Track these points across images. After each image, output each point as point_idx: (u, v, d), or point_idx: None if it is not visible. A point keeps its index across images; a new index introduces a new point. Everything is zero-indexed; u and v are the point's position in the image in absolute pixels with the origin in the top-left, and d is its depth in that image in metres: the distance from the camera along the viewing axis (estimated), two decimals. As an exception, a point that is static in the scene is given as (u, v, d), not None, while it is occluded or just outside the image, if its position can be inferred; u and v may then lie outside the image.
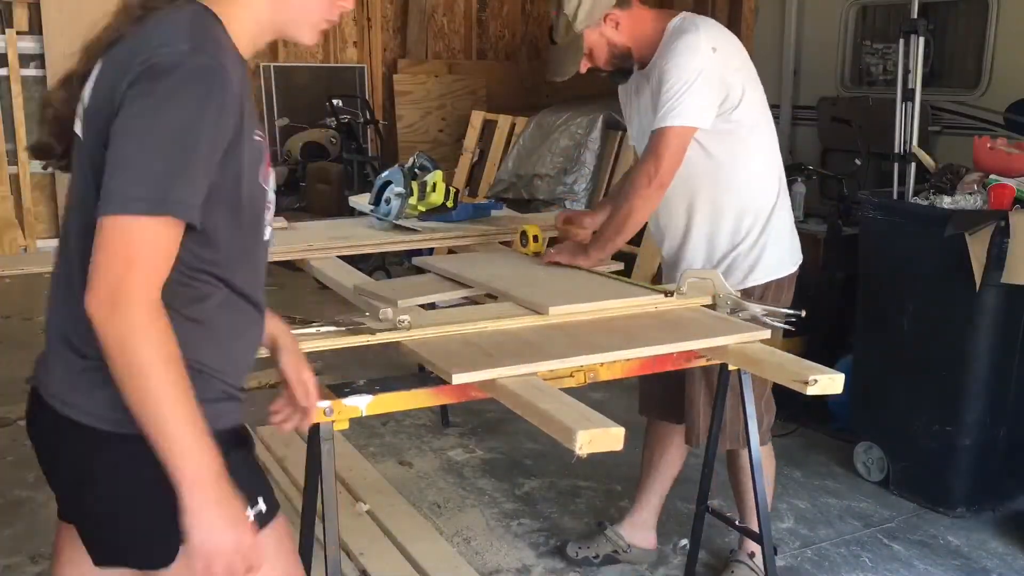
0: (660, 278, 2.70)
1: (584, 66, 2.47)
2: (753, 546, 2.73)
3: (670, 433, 2.74)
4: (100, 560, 1.36)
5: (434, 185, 3.05)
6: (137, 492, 1.28)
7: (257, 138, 1.34)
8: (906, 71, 3.38)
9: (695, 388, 2.55)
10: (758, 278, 2.48)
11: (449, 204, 3.09)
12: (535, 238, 2.61)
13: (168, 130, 1.18)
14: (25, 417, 1.52)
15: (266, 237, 1.45)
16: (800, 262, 2.60)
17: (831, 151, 5.41)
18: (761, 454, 2.31)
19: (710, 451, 2.44)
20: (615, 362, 1.94)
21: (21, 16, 7.08)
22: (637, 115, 2.54)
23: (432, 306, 2.28)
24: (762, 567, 2.65)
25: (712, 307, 2.20)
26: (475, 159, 6.53)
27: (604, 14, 2.39)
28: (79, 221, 1.29)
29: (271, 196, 1.43)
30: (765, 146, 2.47)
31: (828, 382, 1.85)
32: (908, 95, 3.38)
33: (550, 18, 2.52)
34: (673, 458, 2.81)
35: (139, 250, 1.17)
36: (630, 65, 2.49)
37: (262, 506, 1.38)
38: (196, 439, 1.20)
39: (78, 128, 1.34)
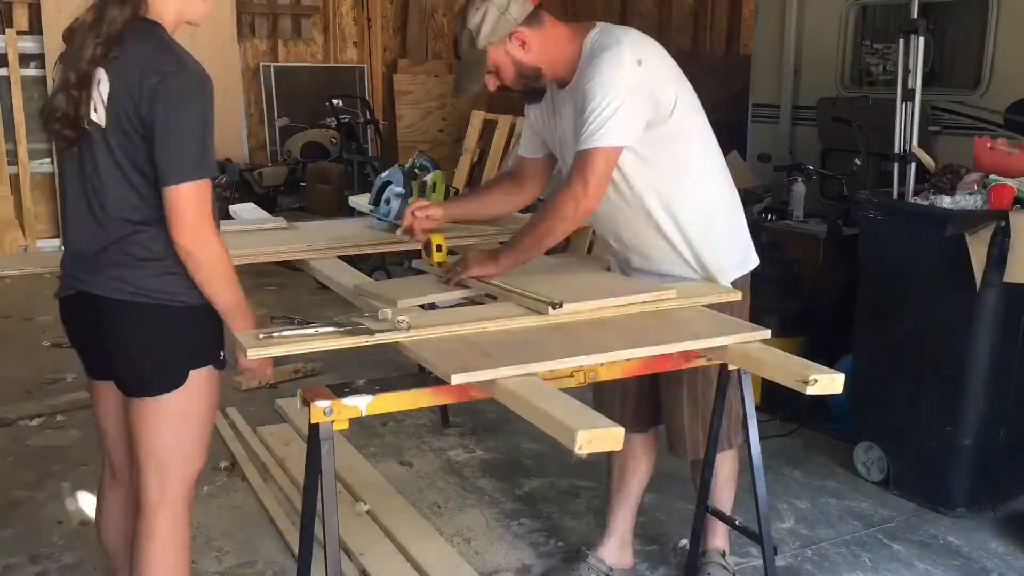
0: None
1: (492, 84, 2.34)
2: (724, 544, 2.74)
3: (635, 445, 2.66)
4: (131, 392, 1.98)
5: (434, 185, 3.05)
6: (164, 340, 1.95)
7: None
8: (906, 71, 3.38)
9: (677, 394, 2.51)
10: (735, 272, 2.44)
11: None
12: (438, 248, 2.50)
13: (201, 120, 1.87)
14: (64, 316, 2.08)
15: None
16: (755, 265, 2.49)
17: (831, 151, 5.40)
18: (760, 454, 2.31)
19: (710, 451, 2.44)
20: (615, 362, 1.94)
21: (21, 16, 7.08)
22: (561, 135, 2.42)
23: (432, 306, 2.28)
24: (733, 566, 2.67)
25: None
26: (475, 159, 6.54)
27: (509, 32, 2.24)
28: (114, 177, 1.89)
29: None
30: (703, 149, 2.40)
31: (828, 382, 1.85)
32: (908, 95, 3.37)
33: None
34: (643, 469, 2.75)
35: (205, 200, 1.86)
36: (542, 85, 2.37)
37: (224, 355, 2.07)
38: (239, 298, 1.97)
39: (97, 118, 1.87)
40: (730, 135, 4.71)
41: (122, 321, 1.94)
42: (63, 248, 2.05)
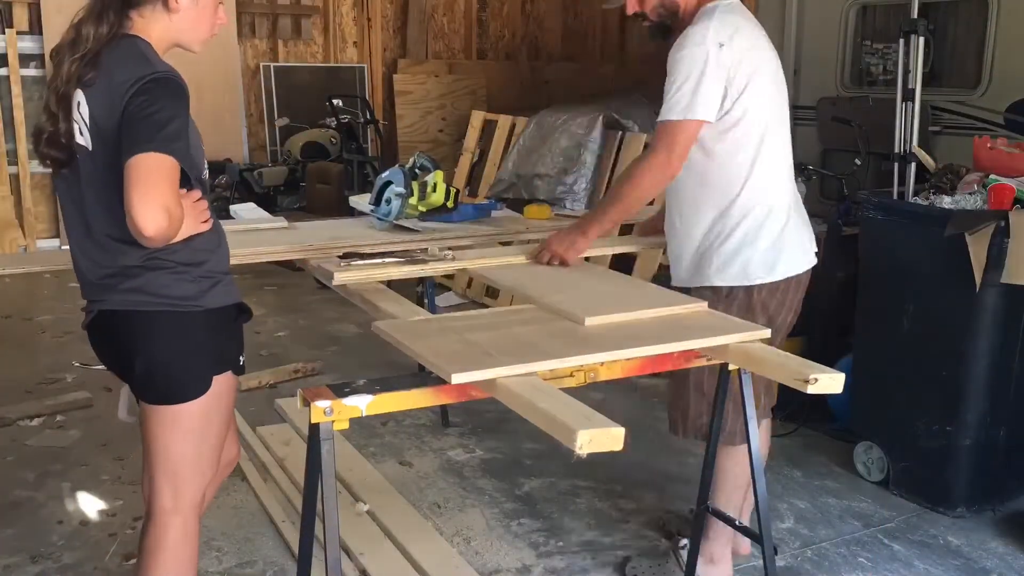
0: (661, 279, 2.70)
1: (632, 6, 2.48)
2: (683, 540, 2.75)
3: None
4: (151, 400, 1.96)
5: (435, 185, 3.05)
6: (185, 348, 1.93)
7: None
8: (906, 71, 3.38)
9: (685, 379, 2.56)
10: (727, 279, 2.45)
11: (449, 204, 3.09)
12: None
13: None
14: (92, 342, 2.06)
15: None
16: (788, 275, 2.49)
17: (831, 151, 5.41)
18: (760, 449, 2.31)
19: (710, 451, 2.44)
20: (615, 362, 1.94)
21: (21, 16, 7.08)
22: None
23: (433, 306, 2.29)
24: (685, 558, 2.66)
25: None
26: (475, 159, 6.53)
27: None
28: (104, 199, 1.84)
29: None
30: (761, 147, 2.43)
31: (829, 381, 1.85)
32: (908, 95, 3.37)
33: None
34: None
35: (160, 172, 1.74)
36: (673, 24, 2.48)
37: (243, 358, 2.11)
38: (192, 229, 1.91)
39: (83, 141, 1.85)
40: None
41: (140, 331, 1.91)
42: (77, 277, 2.01)
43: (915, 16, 3.36)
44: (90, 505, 3.20)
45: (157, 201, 1.70)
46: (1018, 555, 2.99)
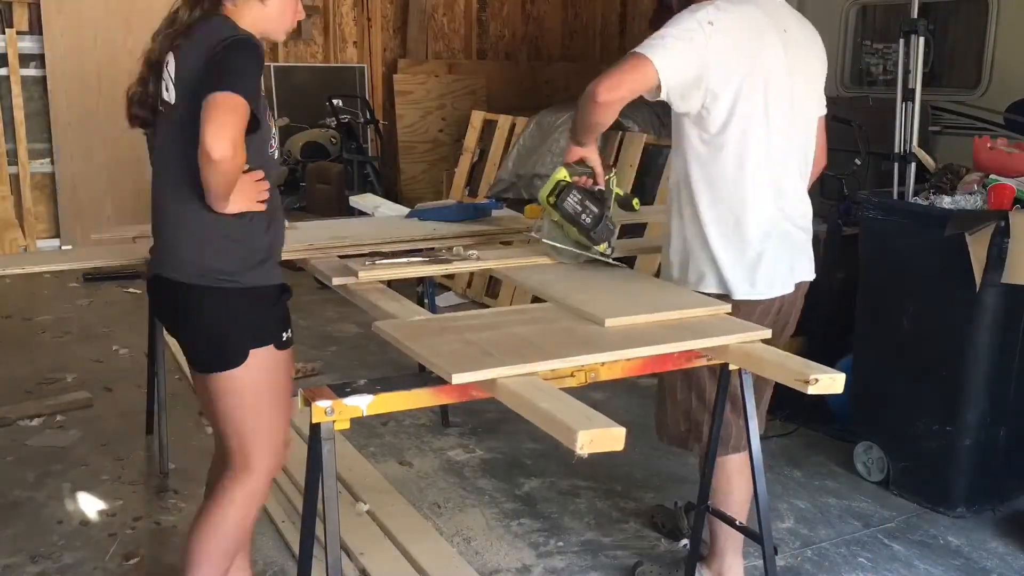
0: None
1: None
2: (683, 541, 2.76)
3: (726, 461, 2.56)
4: (199, 369, 2.12)
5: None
6: (222, 321, 2.05)
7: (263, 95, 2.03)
8: (906, 71, 3.38)
9: (677, 382, 2.54)
10: (691, 284, 2.41)
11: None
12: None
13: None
14: (149, 295, 2.24)
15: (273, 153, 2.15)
16: (767, 296, 2.40)
17: (831, 151, 5.39)
18: (761, 454, 2.31)
19: (710, 451, 2.44)
20: (615, 362, 1.94)
21: (21, 16, 7.07)
22: None
23: (433, 306, 2.29)
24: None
25: None
26: (475, 159, 6.53)
27: None
28: (177, 152, 1.98)
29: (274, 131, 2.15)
30: (746, 155, 2.33)
31: (829, 381, 1.85)
32: (908, 95, 3.37)
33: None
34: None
35: (236, 111, 1.87)
36: None
37: (289, 334, 2.18)
38: (244, 205, 2.02)
39: (167, 96, 2.02)
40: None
41: (183, 303, 2.06)
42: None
43: (915, 16, 3.35)
44: (90, 505, 3.20)
45: (227, 131, 1.83)
46: (1018, 555, 2.99)
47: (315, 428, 1.78)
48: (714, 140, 2.33)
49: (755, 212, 2.36)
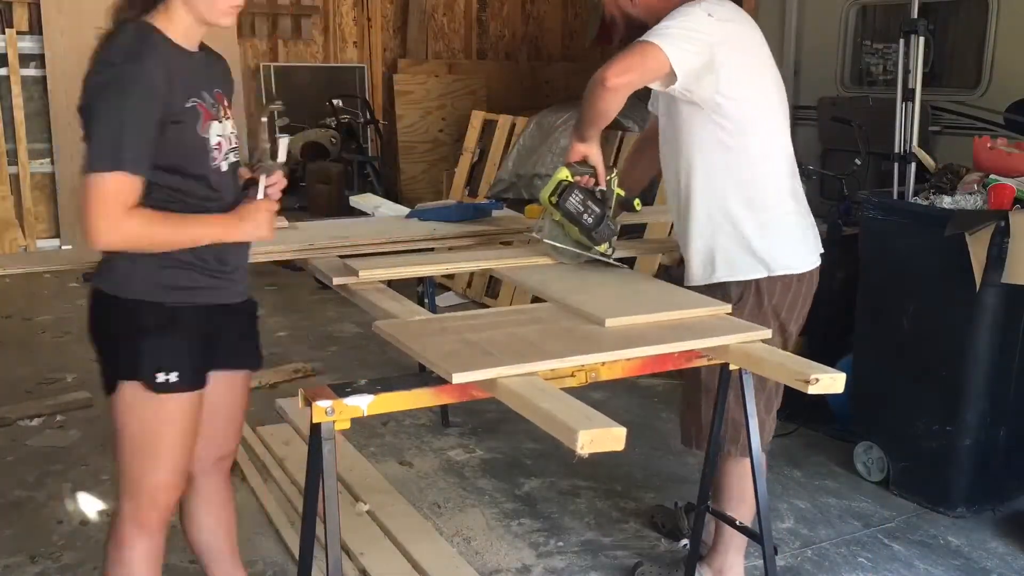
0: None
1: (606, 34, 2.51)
2: (683, 541, 2.75)
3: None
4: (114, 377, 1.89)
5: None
6: (106, 334, 1.88)
7: (190, 104, 1.82)
8: (906, 71, 3.38)
9: (697, 389, 2.55)
10: (720, 276, 2.43)
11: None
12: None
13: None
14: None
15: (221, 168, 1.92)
16: (806, 267, 2.45)
17: (831, 151, 5.41)
18: (762, 456, 2.31)
19: (711, 450, 2.44)
20: (616, 362, 1.94)
21: (21, 16, 7.08)
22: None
23: (433, 306, 2.28)
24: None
25: None
26: (475, 159, 6.53)
27: None
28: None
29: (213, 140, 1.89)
30: (744, 144, 2.38)
31: (829, 381, 1.85)
32: (908, 95, 3.37)
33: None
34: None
35: (103, 195, 1.74)
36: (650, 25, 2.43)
37: (172, 378, 1.87)
38: (199, 235, 1.85)
39: None
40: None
41: (90, 308, 1.92)
42: None
43: (915, 16, 3.36)
44: (90, 505, 3.20)
45: (103, 225, 1.73)
46: (1018, 555, 2.99)
47: (315, 428, 1.78)
48: (735, 124, 2.36)
49: (780, 186, 2.47)
